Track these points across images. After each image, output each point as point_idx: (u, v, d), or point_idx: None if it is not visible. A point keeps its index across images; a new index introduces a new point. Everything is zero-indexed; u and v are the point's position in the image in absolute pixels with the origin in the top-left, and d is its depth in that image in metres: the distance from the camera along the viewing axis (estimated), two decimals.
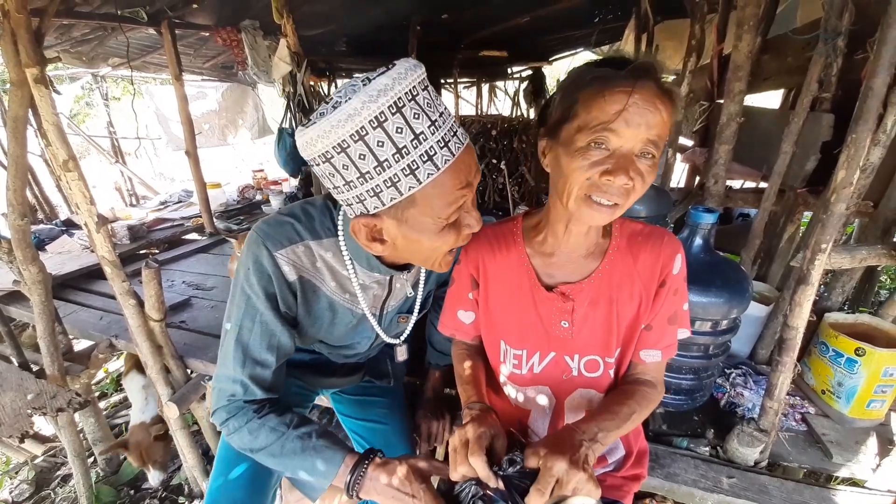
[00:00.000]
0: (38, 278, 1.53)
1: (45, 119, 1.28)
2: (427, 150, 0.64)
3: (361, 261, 0.87)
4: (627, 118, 0.60)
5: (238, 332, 0.83)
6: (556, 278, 0.82)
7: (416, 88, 0.63)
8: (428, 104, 0.65)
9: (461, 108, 5.14)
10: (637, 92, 0.60)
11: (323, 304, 0.91)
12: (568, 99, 0.66)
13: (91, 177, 5.68)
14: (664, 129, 0.63)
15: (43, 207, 3.62)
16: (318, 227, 0.84)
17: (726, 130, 1.58)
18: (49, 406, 1.54)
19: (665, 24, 2.95)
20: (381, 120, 0.61)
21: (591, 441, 0.67)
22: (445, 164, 0.66)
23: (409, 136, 0.63)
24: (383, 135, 0.62)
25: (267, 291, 0.81)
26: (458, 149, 0.68)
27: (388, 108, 0.61)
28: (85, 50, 3.29)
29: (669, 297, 0.80)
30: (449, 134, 0.67)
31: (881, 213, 1.37)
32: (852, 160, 0.88)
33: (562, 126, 0.67)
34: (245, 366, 0.83)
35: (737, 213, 2.89)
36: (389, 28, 3.23)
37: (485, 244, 0.86)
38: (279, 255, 0.80)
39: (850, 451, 1.16)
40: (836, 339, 1.23)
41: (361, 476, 0.78)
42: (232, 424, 0.83)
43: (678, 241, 0.81)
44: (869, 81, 0.86)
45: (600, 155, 0.64)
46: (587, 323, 0.81)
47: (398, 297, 0.99)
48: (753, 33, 1.52)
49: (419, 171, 0.65)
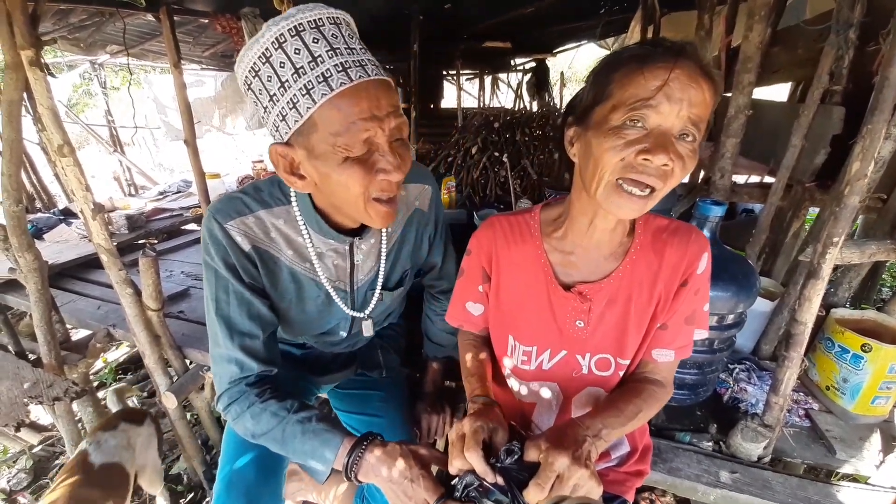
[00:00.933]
0: (34, 266, 1.51)
1: (40, 103, 1.25)
2: (323, 72, 0.66)
3: (312, 223, 0.87)
4: (669, 93, 0.57)
5: (216, 305, 0.84)
6: (574, 277, 0.78)
7: (322, 20, 0.66)
8: (333, 35, 0.67)
9: (464, 101, 5.10)
10: (679, 67, 0.57)
11: (286, 276, 0.91)
12: (602, 80, 0.63)
13: (90, 166, 5.62)
14: (706, 110, 0.60)
15: (41, 196, 3.59)
16: (267, 197, 0.86)
17: (734, 123, 1.55)
18: (45, 395, 1.53)
19: (672, 15, 2.91)
20: (281, 41, 0.65)
21: (594, 437, 0.66)
22: (341, 87, 0.66)
23: (307, 57, 0.65)
24: (283, 56, 0.66)
25: (227, 262, 0.83)
26: (360, 77, 0.67)
27: (288, 30, 0.65)
28: (83, 36, 3.25)
29: (689, 297, 0.77)
30: (352, 63, 0.67)
31: (890, 207, 1.35)
32: (867, 151, 0.86)
33: (594, 108, 0.64)
34: (233, 338, 0.84)
35: (741, 208, 2.87)
36: (391, 18, 3.19)
37: (500, 235, 0.83)
38: (229, 227, 0.82)
39: (853, 448, 1.15)
40: (843, 334, 1.22)
41: (359, 458, 0.78)
42: (234, 409, 0.84)
43: (706, 239, 0.77)
44: (885, 71, 0.84)
45: (637, 133, 0.59)
46: (603, 322, 0.78)
47: (365, 270, 0.97)
48: (764, 24, 1.49)
49: (314, 91, 0.66)
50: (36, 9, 1.28)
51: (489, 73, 5.96)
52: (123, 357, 2.90)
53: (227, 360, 0.84)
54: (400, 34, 3.32)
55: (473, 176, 2.79)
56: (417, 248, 1.06)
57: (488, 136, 2.92)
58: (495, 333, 0.90)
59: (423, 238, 1.06)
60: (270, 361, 0.88)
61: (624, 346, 0.79)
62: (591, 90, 0.66)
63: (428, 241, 1.07)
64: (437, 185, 1.05)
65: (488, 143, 2.91)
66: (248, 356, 0.84)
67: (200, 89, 5.35)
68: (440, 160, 2.93)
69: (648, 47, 0.60)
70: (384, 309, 1.08)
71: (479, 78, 5.97)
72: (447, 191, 2.58)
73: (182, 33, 3.29)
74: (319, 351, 1.20)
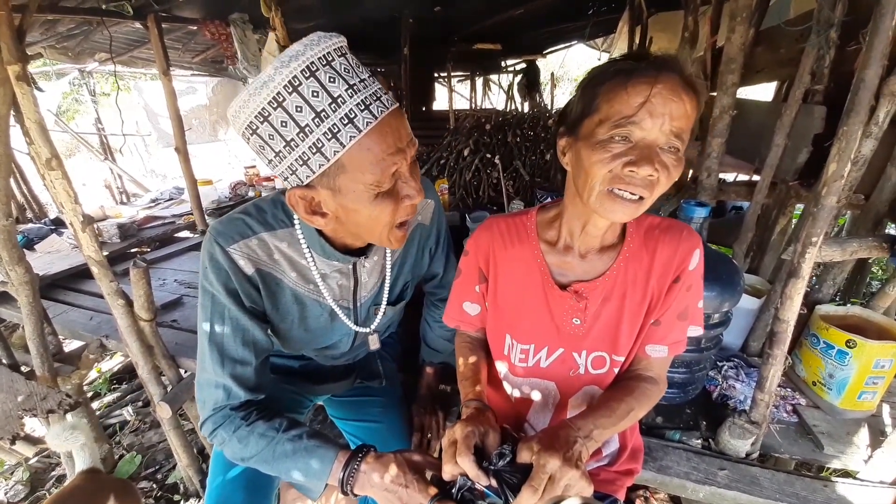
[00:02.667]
0: (24, 279, 1.51)
1: (28, 117, 1.26)
2: (347, 114, 0.64)
3: (316, 247, 0.86)
4: (651, 109, 0.60)
5: (210, 332, 0.82)
6: (570, 277, 0.81)
7: (331, 55, 0.64)
8: (345, 69, 0.65)
9: (455, 102, 5.10)
10: (660, 82, 0.59)
11: (288, 297, 0.90)
12: (589, 93, 0.66)
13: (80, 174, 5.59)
14: (688, 122, 0.62)
15: (32, 206, 3.57)
16: (271, 219, 0.85)
17: (719, 123, 1.58)
18: (39, 407, 1.53)
19: (658, 16, 2.93)
20: (296, 84, 0.62)
21: (585, 438, 0.67)
22: (367, 127, 0.66)
23: (327, 99, 0.63)
24: (300, 99, 0.63)
25: (227, 287, 0.81)
26: (382, 112, 0.67)
27: (301, 72, 0.62)
28: (71, 45, 3.23)
29: (682, 293, 0.79)
30: (371, 98, 0.67)
31: (872, 205, 1.37)
32: (843, 153, 0.87)
33: (583, 121, 0.67)
34: (224, 365, 0.82)
35: (729, 206, 2.90)
36: (381, 22, 3.19)
37: (497, 237, 0.85)
38: (232, 250, 0.80)
39: (841, 443, 1.17)
40: (827, 331, 1.24)
41: (355, 471, 0.78)
42: (221, 434, 0.83)
43: (698, 235, 0.80)
44: (861, 73, 0.85)
45: (623, 147, 0.62)
46: (599, 320, 0.80)
47: (369, 287, 0.98)
48: (746, 25, 1.51)
49: (341, 135, 0.65)
50: (22, 23, 1.28)
51: (480, 74, 5.98)
52: (118, 367, 2.89)
53: (213, 386, 0.83)
54: (391, 37, 3.32)
55: (466, 178, 2.80)
56: (419, 261, 1.07)
57: (480, 138, 2.92)
58: (492, 333, 0.91)
59: (425, 251, 1.07)
60: (259, 388, 0.86)
61: (618, 342, 0.81)
62: (579, 102, 0.68)
63: (429, 253, 1.08)
64: (438, 197, 1.06)
65: (480, 144, 2.92)
66: (236, 384, 0.83)
67: (193, 97, 5.33)
68: (432, 162, 2.94)
69: (632, 62, 0.63)
70: (386, 321, 1.09)
71: (470, 79, 5.98)
72: (440, 193, 2.58)
73: (171, 40, 3.29)
74: (318, 363, 1.19)
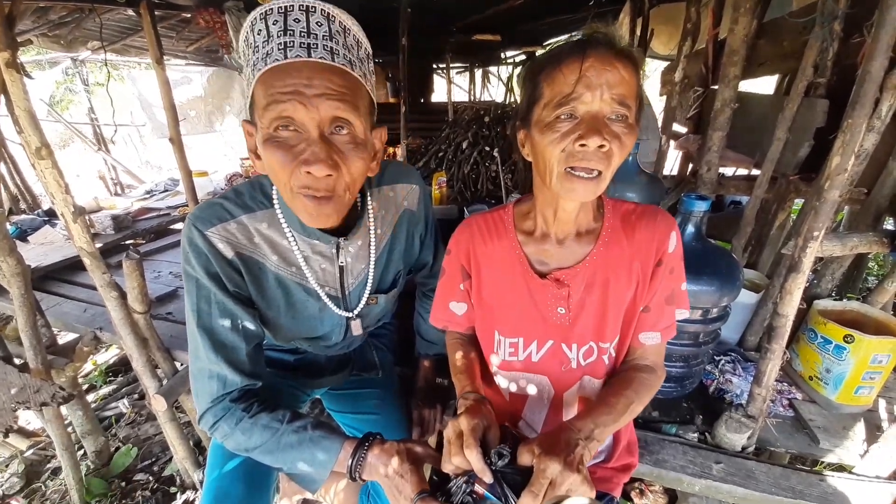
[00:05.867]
0: (16, 270, 1.49)
1: (17, 105, 1.23)
2: (269, 50, 0.67)
3: (295, 224, 0.86)
4: (587, 82, 0.62)
5: (197, 317, 0.81)
6: (550, 265, 0.81)
7: (292, 7, 0.68)
8: (295, 20, 0.67)
9: (454, 94, 5.05)
10: (590, 55, 0.62)
11: (272, 282, 0.89)
12: (532, 82, 0.69)
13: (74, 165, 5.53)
14: (628, 88, 0.64)
15: (25, 197, 3.52)
16: (249, 200, 0.84)
17: (720, 117, 1.56)
18: (33, 400, 1.52)
19: (660, 7, 2.90)
20: (252, 23, 0.69)
21: (587, 440, 0.67)
22: (274, 63, 0.66)
23: (263, 36, 0.68)
24: (253, 37, 0.69)
25: (209, 271, 0.81)
26: (297, 56, 0.66)
27: (260, 14, 0.68)
28: (63, 33, 3.17)
29: (666, 276, 0.79)
30: (298, 45, 0.67)
31: (873, 200, 1.36)
32: (847, 146, 0.86)
33: (532, 109, 0.69)
34: (216, 350, 0.81)
35: (728, 200, 2.89)
36: (379, 11, 3.14)
37: (476, 233, 0.85)
38: (210, 234, 0.80)
39: (837, 437, 1.17)
40: (825, 326, 1.24)
41: (363, 458, 0.79)
42: (223, 427, 0.82)
43: (672, 218, 0.80)
44: (866, 65, 0.84)
45: (570, 124, 0.65)
46: (584, 308, 0.80)
47: (356, 272, 0.96)
48: (749, 17, 1.49)
49: (256, 67, 0.68)
50: (12, 9, 1.25)
51: (479, 66, 5.91)
52: (113, 359, 2.88)
53: (208, 376, 0.82)
54: (388, 27, 3.27)
55: (464, 171, 2.78)
56: (409, 247, 1.05)
57: (479, 131, 2.90)
58: (481, 331, 0.91)
59: (415, 237, 1.05)
60: (254, 375, 0.85)
61: (604, 331, 0.81)
62: (525, 91, 0.71)
63: (419, 239, 1.07)
64: (424, 183, 1.04)
65: (479, 137, 2.89)
66: (231, 369, 0.82)
67: (188, 87, 5.26)
68: (431, 155, 2.91)
69: (561, 46, 0.66)
70: (379, 311, 1.08)
71: (469, 71, 5.93)
72: (438, 186, 2.56)
73: (164, 28, 3.23)
74: (313, 355, 1.18)
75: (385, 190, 0.96)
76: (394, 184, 0.97)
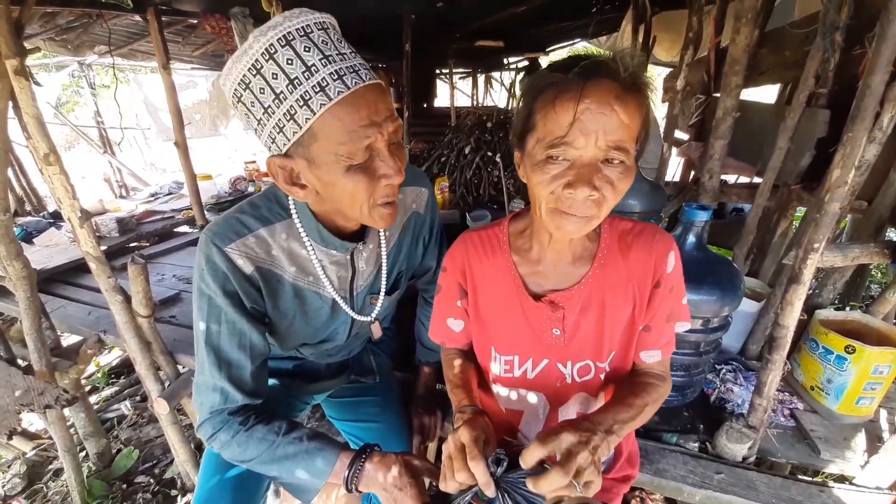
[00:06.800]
0: (22, 274, 1.50)
1: (26, 111, 1.24)
2: (319, 82, 0.65)
3: (314, 234, 0.86)
4: (581, 127, 0.57)
5: (206, 334, 0.82)
6: (545, 286, 0.79)
7: (310, 27, 0.66)
8: (323, 41, 0.66)
9: (457, 100, 5.08)
10: (587, 96, 0.56)
11: (289, 293, 0.90)
12: (527, 108, 0.64)
13: (80, 168, 5.57)
14: (628, 132, 0.58)
15: (30, 199, 3.56)
16: (266, 213, 0.84)
17: (722, 125, 1.57)
18: (37, 403, 1.53)
19: (662, 15, 2.91)
20: (272, 52, 0.64)
21: (605, 433, 0.64)
22: (339, 96, 0.66)
23: (300, 67, 0.65)
24: (275, 67, 0.65)
25: (226, 290, 0.80)
26: (356, 83, 0.67)
27: (278, 40, 0.64)
28: (70, 38, 3.20)
29: (666, 297, 0.77)
30: (346, 70, 0.67)
31: (875, 210, 1.36)
32: (848, 159, 0.87)
33: (526, 137, 0.65)
34: (221, 368, 0.82)
35: (730, 208, 2.89)
36: (383, 18, 3.17)
37: (471, 250, 0.84)
38: (230, 250, 0.79)
39: (838, 448, 1.17)
40: (827, 336, 1.23)
41: (360, 470, 0.79)
42: (220, 438, 0.83)
43: (670, 237, 0.78)
44: (867, 79, 0.84)
45: (560, 168, 0.61)
46: (579, 330, 0.79)
47: (365, 275, 0.97)
48: (751, 26, 1.50)
49: (312, 102, 0.65)
50: (21, 16, 1.27)
51: (482, 71, 5.95)
52: (116, 361, 2.89)
53: (211, 389, 0.83)
54: (392, 33, 3.30)
55: (467, 176, 2.79)
56: (413, 250, 1.06)
57: (482, 136, 2.91)
58: (478, 345, 0.90)
59: (419, 240, 1.06)
60: (256, 393, 0.86)
61: (601, 351, 0.80)
62: (520, 115, 0.67)
63: (423, 242, 1.08)
64: (431, 187, 1.06)
65: (482, 142, 2.91)
66: (234, 387, 0.82)
67: (194, 91, 5.30)
68: (433, 160, 2.93)
69: (560, 74, 0.59)
70: (382, 312, 1.08)
71: (472, 77, 5.95)
72: (440, 191, 2.58)
73: (171, 34, 3.26)
74: (312, 362, 1.19)
75: None
76: (403, 187, 0.97)
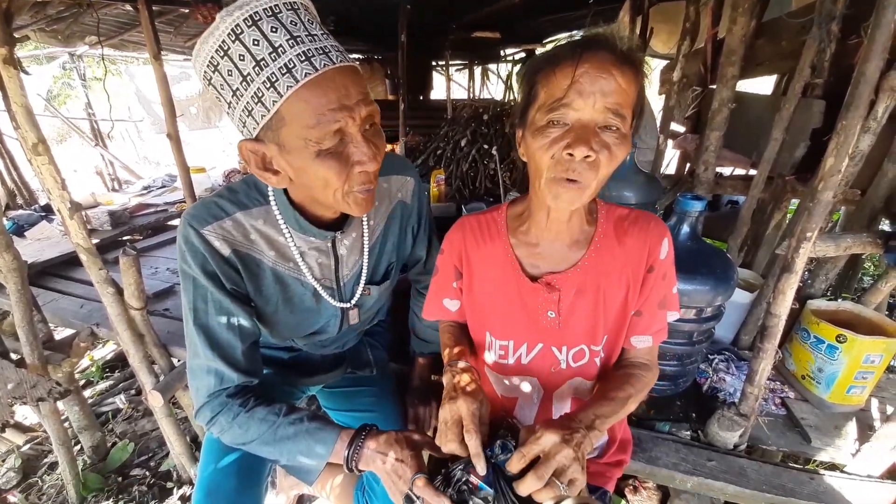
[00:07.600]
0: (13, 266, 1.49)
1: (14, 101, 1.22)
2: (286, 63, 0.63)
3: (291, 222, 0.86)
4: (579, 88, 0.60)
5: (195, 314, 0.82)
6: (542, 268, 0.81)
7: (278, 6, 0.64)
8: (292, 22, 0.65)
9: (453, 92, 5.04)
10: (586, 61, 0.59)
11: (269, 278, 0.90)
12: (529, 83, 0.68)
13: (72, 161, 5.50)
14: (624, 97, 0.61)
15: (22, 192, 3.52)
16: (244, 198, 0.84)
17: (718, 116, 1.57)
18: (29, 395, 1.52)
19: (660, 6, 2.89)
20: (238, 32, 0.62)
21: (588, 429, 0.67)
22: (306, 78, 0.64)
23: (267, 48, 0.63)
24: (242, 48, 0.63)
25: (206, 270, 0.81)
26: (325, 65, 0.65)
27: (244, 20, 0.62)
28: (60, 28, 3.15)
29: (658, 283, 0.79)
30: (315, 51, 0.65)
31: (868, 201, 1.37)
32: (842, 148, 0.87)
33: (528, 111, 0.68)
34: (213, 348, 0.82)
35: (725, 200, 2.90)
36: (378, 8, 3.13)
37: (469, 234, 0.85)
38: (206, 232, 0.80)
39: (829, 436, 1.18)
40: (818, 326, 1.24)
41: (359, 448, 0.80)
42: (220, 422, 0.83)
43: (665, 225, 0.80)
44: (861, 67, 0.84)
45: (560, 131, 0.63)
46: (574, 313, 0.80)
47: (350, 264, 0.97)
48: (748, 16, 1.49)
49: (279, 84, 0.64)
50: (10, 5, 1.24)
51: (479, 63, 5.89)
52: (110, 355, 2.88)
53: (205, 372, 0.82)
54: (387, 24, 3.26)
55: (463, 168, 2.78)
56: (402, 240, 1.05)
57: (478, 128, 2.90)
58: (474, 331, 0.91)
59: (408, 230, 1.06)
60: (251, 372, 0.86)
61: (596, 335, 0.81)
62: (522, 91, 0.70)
63: (412, 233, 1.07)
64: (418, 176, 1.04)
65: (478, 135, 2.89)
66: (228, 366, 0.82)
67: (187, 83, 5.23)
68: (429, 152, 2.91)
69: (560, 46, 0.64)
70: (372, 303, 1.08)
71: (468, 69, 5.91)
72: (436, 184, 2.56)
73: (162, 23, 3.21)
74: (308, 354, 1.19)
75: (379, 181, 0.97)
76: (388, 175, 0.97)
